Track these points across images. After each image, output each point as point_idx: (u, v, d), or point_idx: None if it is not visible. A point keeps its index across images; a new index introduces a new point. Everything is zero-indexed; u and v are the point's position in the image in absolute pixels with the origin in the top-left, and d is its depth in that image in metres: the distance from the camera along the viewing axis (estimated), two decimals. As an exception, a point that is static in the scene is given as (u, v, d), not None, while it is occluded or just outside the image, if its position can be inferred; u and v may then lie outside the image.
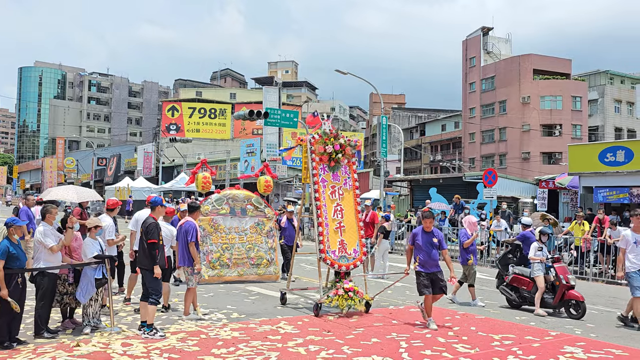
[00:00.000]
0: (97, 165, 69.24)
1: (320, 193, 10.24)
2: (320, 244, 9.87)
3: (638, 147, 21.47)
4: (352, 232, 10.34)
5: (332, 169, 10.54)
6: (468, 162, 56.51)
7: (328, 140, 10.46)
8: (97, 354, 7.06)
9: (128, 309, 10.03)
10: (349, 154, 10.77)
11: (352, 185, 10.72)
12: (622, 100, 54.07)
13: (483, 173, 23.49)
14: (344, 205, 10.44)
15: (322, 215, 10.07)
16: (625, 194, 21.15)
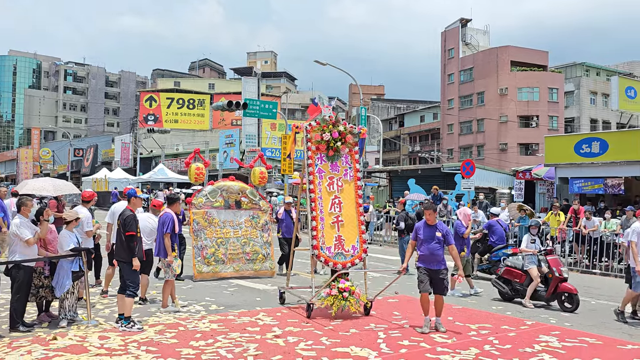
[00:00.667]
0: (74, 156, 68.34)
1: (316, 185, 9.43)
2: (313, 239, 9.14)
3: (613, 139, 21.81)
4: (351, 227, 9.50)
5: (330, 158, 9.68)
6: (446, 153, 56.88)
7: (326, 127, 9.63)
8: (73, 348, 7.00)
9: (105, 301, 9.95)
10: (351, 143, 9.87)
11: (353, 176, 9.83)
12: (597, 92, 54.75)
13: (461, 164, 23.66)
14: (344, 198, 9.59)
15: (316, 208, 9.29)
16: (600, 184, 21.48)
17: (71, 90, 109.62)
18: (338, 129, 9.67)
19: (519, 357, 7.05)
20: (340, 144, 9.67)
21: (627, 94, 26.90)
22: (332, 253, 9.21)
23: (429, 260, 8.29)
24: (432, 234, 8.32)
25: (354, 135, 9.90)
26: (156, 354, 6.80)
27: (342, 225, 9.43)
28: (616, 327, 9.19)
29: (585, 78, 55.59)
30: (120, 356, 6.69)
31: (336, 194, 9.56)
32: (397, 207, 16.99)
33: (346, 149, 9.83)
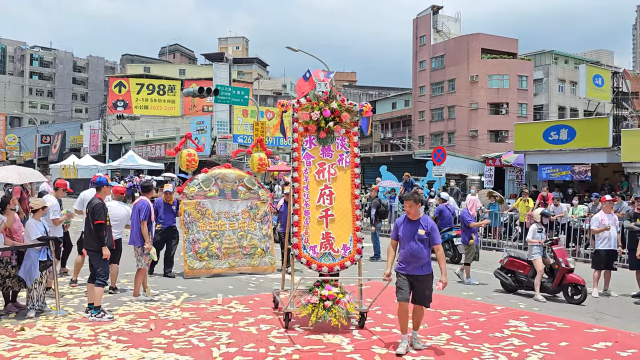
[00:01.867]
0: (41, 143, 67.02)
1: (302, 172, 8.01)
2: (294, 236, 7.75)
3: (580, 126, 22.19)
4: (343, 222, 7.98)
5: (322, 141, 8.18)
6: (418, 139, 57.24)
7: (316, 105, 8.13)
8: (42, 338, 6.89)
9: (74, 291, 9.80)
10: (348, 123, 8.26)
11: (350, 162, 8.27)
12: (565, 79, 55.55)
13: (432, 151, 23.83)
14: (336, 188, 8.07)
15: (300, 200, 7.90)
16: (568, 171, 21.85)
17: (37, 75, 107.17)
18: (330, 106, 8.12)
19: (489, 342, 7.15)
20: (333, 124, 8.13)
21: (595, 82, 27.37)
22: (317, 253, 7.77)
23: (410, 264, 6.80)
24: (414, 230, 6.79)
25: (352, 113, 8.31)
26: (127, 343, 6.72)
27: (332, 220, 7.96)
28: (583, 312, 9.38)
29: (553, 66, 56.36)
30: (90, 346, 6.59)
31: (327, 183, 8.06)
32: (371, 193, 16.97)
33: (342, 130, 8.25)
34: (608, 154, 20.94)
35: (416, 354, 6.60)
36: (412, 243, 6.76)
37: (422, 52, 58.11)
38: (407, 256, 6.80)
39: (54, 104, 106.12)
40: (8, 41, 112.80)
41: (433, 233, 6.80)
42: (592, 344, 7.18)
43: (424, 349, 6.74)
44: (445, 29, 58.29)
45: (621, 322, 8.72)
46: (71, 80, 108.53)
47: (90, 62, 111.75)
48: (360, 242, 7.99)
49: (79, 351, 6.41)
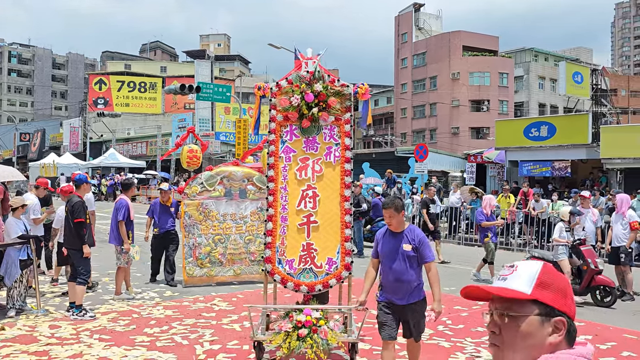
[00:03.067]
0: (20, 141, 66.12)
1: (279, 170, 6.52)
2: (267, 248, 6.38)
3: (560, 123, 22.45)
4: (329, 231, 6.43)
5: (305, 132, 6.60)
6: (400, 136, 57.44)
7: (297, 87, 6.56)
8: (23, 338, 6.82)
9: (55, 290, 9.71)
10: (338, 109, 6.62)
11: (339, 156, 6.59)
12: (545, 77, 56.06)
13: (415, 148, 23.94)
14: (321, 189, 6.53)
15: (276, 204, 6.45)
16: (548, 167, 22.11)
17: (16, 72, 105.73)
18: (314, 88, 6.50)
19: (471, 336, 7.22)
20: (317, 111, 6.49)
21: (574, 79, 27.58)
22: (295, 269, 6.32)
23: (393, 290, 5.31)
24: (397, 246, 5.27)
25: (343, 97, 6.67)
26: (109, 342, 6.68)
27: (316, 228, 6.44)
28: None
29: (534, 63, 56.85)
30: (72, 345, 6.55)
31: (310, 182, 6.53)
32: (355, 190, 16.91)
33: (330, 118, 6.60)
34: (587, 150, 21.22)
35: (398, 349, 6.63)
36: (396, 262, 5.22)
37: (404, 50, 58.29)
38: (389, 280, 5.27)
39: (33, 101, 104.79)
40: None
41: (422, 247, 5.22)
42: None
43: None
44: (426, 27, 58.52)
45: (600, 316, 8.85)
46: (50, 78, 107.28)
47: (70, 59, 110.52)
48: (349, 256, 6.45)
49: (60, 350, 6.36)
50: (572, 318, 1.50)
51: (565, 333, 1.47)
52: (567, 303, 1.49)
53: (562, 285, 1.51)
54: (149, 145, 47.20)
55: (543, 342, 1.46)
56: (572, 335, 1.48)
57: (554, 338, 1.46)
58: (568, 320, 1.48)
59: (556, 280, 1.51)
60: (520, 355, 1.49)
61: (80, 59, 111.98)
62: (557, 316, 1.47)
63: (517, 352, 1.49)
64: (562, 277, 1.53)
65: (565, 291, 1.50)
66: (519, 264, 1.58)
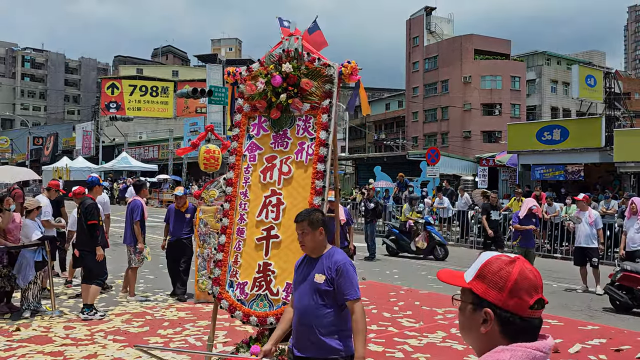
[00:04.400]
0: (33, 145, 66.72)
1: (241, 171, 5.44)
2: (216, 266, 5.33)
3: (573, 126, 22.33)
4: (292, 249, 4.97)
5: (275, 124, 5.40)
6: (411, 140, 57.35)
7: (265, 70, 5.40)
8: (38, 338, 6.89)
9: (69, 291, 9.79)
10: (315, 94, 5.26)
11: (313, 154, 5.19)
12: (558, 80, 55.78)
13: (426, 151, 23.92)
14: (288, 195, 5.22)
15: (233, 213, 5.34)
16: (561, 171, 21.98)
17: (29, 77, 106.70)
18: (282, 69, 5.25)
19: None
20: (285, 97, 5.23)
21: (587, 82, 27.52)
22: (247, 295, 5.10)
23: (296, 336, 3.82)
24: (308, 277, 3.79)
25: (322, 79, 5.26)
26: (123, 342, 6.73)
27: (277, 244, 5.14)
28: (577, 309, 9.44)
29: (546, 67, 56.60)
30: (86, 346, 6.61)
31: (275, 187, 5.29)
32: (370, 193, 16.77)
33: (305, 106, 5.29)
34: (601, 154, 21.08)
35: (412, 351, 6.63)
36: (303, 298, 3.75)
37: (416, 53, 58.24)
38: (294, 322, 3.80)
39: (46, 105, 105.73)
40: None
41: (342, 280, 3.67)
42: (587, 341, 7.23)
43: None
44: (438, 30, 58.46)
45: (615, 320, 8.79)
46: (63, 82, 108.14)
47: (83, 64, 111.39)
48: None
49: (75, 351, 6.42)
50: (512, 313, 1.49)
51: (497, 325, 1.48)
52: (501, 297, 1.49)
53: (502, 279, 1.50)
54: (161, 149, 47.45)
55: (478, 329, 1.51)
56: (514, 329, 1.48)
57: (483, 328, 1.50)
58: (500, 313, 1.48)
59: (497, 273, 1.51)
60: (467, 339, 1.58)
61: (92, 64, 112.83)
62: (485, 307, 1.50)
63: (464, 335, 1.59)
64: (508, 272, 1.51)
65: (504, 286, 1.49)
66: (483, 254, 1.61)
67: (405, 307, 8.92)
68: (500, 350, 1.45)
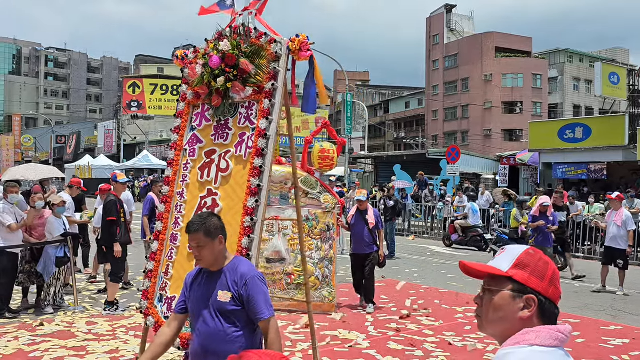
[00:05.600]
0: (56, 143, 67.67)
1: (179, 168, 4.77)
2: (145, 277, 4.68)
3: (595, 125, 22.04)
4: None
5: (218, 112, 4.64)
6: (431, 139, 57.07)
7: (207, 50, 4.61)
8: (61, 333, 6.99)
9: (92, 287, 9.91)
10: (259, 76, 4.48)
11: (252, 147, 4.42)
12: (580, 78, 55.12)
13: (446, 150, 23.78)
14: (225, 196, 4.49)
15: (168, 215, 4.68)
16: (583, 170, 21.72)
17: (52, 76, 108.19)
18: (219, 48, 4.47)
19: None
20: (222, 81, 4.43)
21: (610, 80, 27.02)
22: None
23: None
24: (208, 294, 3.21)
25: (265, 57, 4.51)
26: (145, 338, 6.79)
27: None
28: (599, 309, 9.33)
29: (568, 64, 55.95)
30: (108, 341, 6.69)
31: (212, 186, 4.57)
32: (390, 192, 16.60)
33: (247, 91, 4.49)
34: (624, 152, 20.78)
35: (431, 350, 6.61)
36: (204, 320, 3.18)
37: (436, 51, 57.93)
38: (194, 348, 3.25)
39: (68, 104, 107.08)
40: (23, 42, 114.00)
41: (253, 294, 3.13)
42: (609, 341, 7.15)
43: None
44: (458, 28, 58.08)
45: (638, 320, 8.67)
46: (85, 81, 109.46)
47: (105, 63, 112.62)
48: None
49: (97, 346, 6.50)
50: (551, 300, 1.63)
51: (536, 310, 1.60)
52: (543, 285, 1.62)
53: (542, 268, 1.64)
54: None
55: (514, 315, 1.61)
56: (547, 315, 1.61)
57: (523, 313, 1.59)
58: (542, 299, 1.60)
59: (537, 263, 1.64)
60: (494, 326, 1.65)
61: (114, 63, 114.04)
62: (529, 294, 1.60)
63: (491, 323, 1.66)
64: (546, 262, 1.65)
65: (544, 274, 1.63)
66: (508, 247, 1.72)
67: (425, 306, 8.89)
68: (526, 332, 1.57)
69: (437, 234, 19.93)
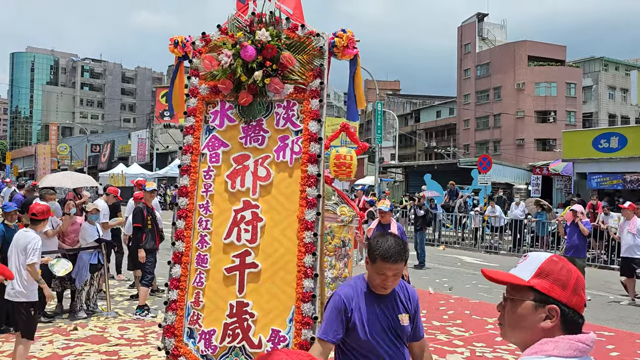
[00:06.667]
0: (91, 152, 68.99)
1: (200, 177, 4.08)
2: (167, 310, 3.99)
3: (631, 134, 21.59)
4: (277, 282, 3.77)
5: (245, 112, 4.02)
6: (462, 148, 56.57)
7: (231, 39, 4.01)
8: (94, 338, 7.12)
9: (124, 293, 10.07)
10: (303, 72, 3.96)
11: (300, 152, 3.91)
12: (616, 87, 54.14)
13: (478, 159, 23.57)
14: (268, 209, 3.90)
15: (191, 233, 3.99)
16: (619, 180, 21.28)
17: (88, 86, 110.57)
18: (256, 37, 3.86)
19: (537, 351, 7.04)
20: (261, 76, 3.83)
21: (647, 89, 26.56)
22: (216, 348, 3.75)
23: None
24: (385, 316, 2.95)
25: (309, 53, 3.97)
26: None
27: (255, 277, 3.82)
28: (635, 322, 9.12)
29: (603, 73, 55.02)
30: (139, 346, 6.79)
31: (249, 197, 3.94)
32: (421, 201, 16.47)
33: (287, 89, 3.97)
34: (661, 162, 20.32)
35: None
36: (390, 346, 2.92)
37: (467, 60, 57.55)
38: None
39: (103, 114, 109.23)
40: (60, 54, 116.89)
41: (417, 314, 3.07)
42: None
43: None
44: (490, 37, 57.62)
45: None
46: (120, 91, 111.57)
47: (138, 73, 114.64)
48: (308, 328, 3.63)
49: (129, 351, 6.60)
50: (575, 309, 1.59)
51: (559, 321, 1.56)
52: (565, 294, 1.58)
53: (565, 277, 1.60)
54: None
55: (535, 325, 1.59)
56: (569, 325, 1.57)
57: (545, 323, 1.57)
58: (564, 309, 1.57)
59: (560, 271, 1.60)
60: (516, 335, 1.65)
61: (147, 73, 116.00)
62: (551, 304, 1.57)
63: (513, 331, 1.65)
64: (568, 270, 1.61)
65: (567, 283, 1.59)
66: (530, 254, 1.69)
67: (455, 316, 8.81)
68: (545, 342, 1.55)
69: (468, 244, 19.73)
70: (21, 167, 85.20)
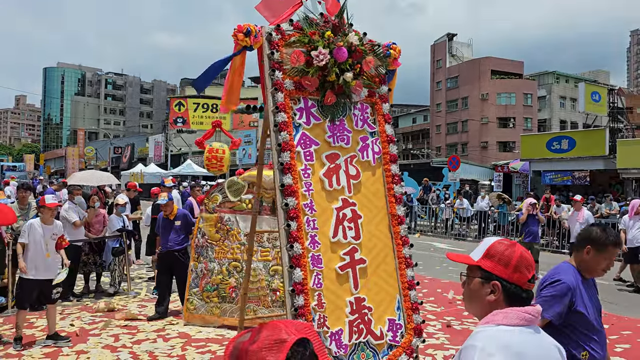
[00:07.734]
0: (114, 154, 68.60)
1: (299, 175, 3.37)
2: (299, 314, 3.11)
3: (579, 137, 21.77)
4: (381, 274, 3.55)
5: (329, 111, 3.55)
6: (435, 150, 56.67)
7: (317, 36, 3.42)
8: (117, 314, 7.08)
9: (143, 276, 10.03)
10: (373, 78, 3.77)
11: (379, 152, 3.78)
12: (566, 96, 54.33)
13: (448, 159, 23.64)
14: (361, 206, 3.56)
15: (302, 234, 3.24)
16: (568, 176, 21.45)
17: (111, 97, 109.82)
18: (347, 40, 3.45)
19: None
20: (350, 78, 3.46)
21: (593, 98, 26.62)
22: (346, 347, 3.27)
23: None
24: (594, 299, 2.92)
25: (379, 57, 3.73)
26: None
27: (363, 272, 3.48)
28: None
29: (555, 85, 55.23)
30: (156, 321, 6.76)
31: (346, 195, 3.54)
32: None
33: (363, 92, 3.71)
34: (605, 161, 20.47)
35: (433, 332, 6.56)
36: (600, 330, 2.83)
37: (439, 74, 57.60)
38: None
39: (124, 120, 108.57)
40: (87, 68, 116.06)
41: None
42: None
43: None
44: (459, 53, 57.67)
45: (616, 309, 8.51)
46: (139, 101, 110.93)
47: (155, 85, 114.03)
48: (417, 313, 3.62)
49: (147, 326, 6.58)
50: (517, 284, 1.61)
51: (501, 295, 1.61)
52: (507, 272, 1.61)
53: (507, 257, 1.62)
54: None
55: (483, 298, 1.64)
56: (513, 298, 1.61)
57: (490, 297, 1.62)
58: (505, 284, 1.61)
59: (503, 252, 1.63)
60: (472, 307, 1.70)
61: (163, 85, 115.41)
62: (494, 280, 1.61)
63: (469, 305, 1.71)
64: (512, 251, 1.63)
65: (509, 262, 1.62)
66: (485, 239, 1.73)
67: (428, 294, 8.83)
68: (496, 313, 1.58)
69: (440, 232, 19.78)
70: (53, 167, 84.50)
